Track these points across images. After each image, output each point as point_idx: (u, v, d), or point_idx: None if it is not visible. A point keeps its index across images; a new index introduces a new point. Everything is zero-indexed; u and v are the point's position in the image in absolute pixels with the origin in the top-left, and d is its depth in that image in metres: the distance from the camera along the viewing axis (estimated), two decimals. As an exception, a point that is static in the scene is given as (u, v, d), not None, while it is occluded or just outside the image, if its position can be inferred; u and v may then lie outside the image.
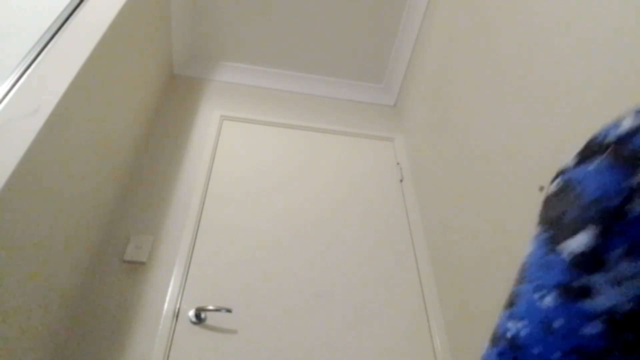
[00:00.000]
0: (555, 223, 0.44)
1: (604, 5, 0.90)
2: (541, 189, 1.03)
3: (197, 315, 1.37)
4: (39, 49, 1.10)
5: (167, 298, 1.39)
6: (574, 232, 0.38)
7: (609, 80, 0.86)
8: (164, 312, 1.36)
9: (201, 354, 1.31)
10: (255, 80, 2.20)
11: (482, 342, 1.32)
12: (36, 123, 0.95)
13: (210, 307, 1.35)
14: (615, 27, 0.86)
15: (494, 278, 1.20)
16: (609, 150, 0.38)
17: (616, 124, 0.38)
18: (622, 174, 0.35)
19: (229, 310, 1.35)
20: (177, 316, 1.37)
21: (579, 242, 0.37)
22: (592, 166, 0.39)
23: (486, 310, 1.23)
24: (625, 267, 0.34)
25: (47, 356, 1.14)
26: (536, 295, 0.39)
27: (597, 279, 0.35)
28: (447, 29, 1.73)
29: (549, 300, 0.38)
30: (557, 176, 0.46)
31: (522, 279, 0.43)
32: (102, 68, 1.25)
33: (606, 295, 0.34)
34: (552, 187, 0.46)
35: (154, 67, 1.80)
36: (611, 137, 0.38)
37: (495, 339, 0.43)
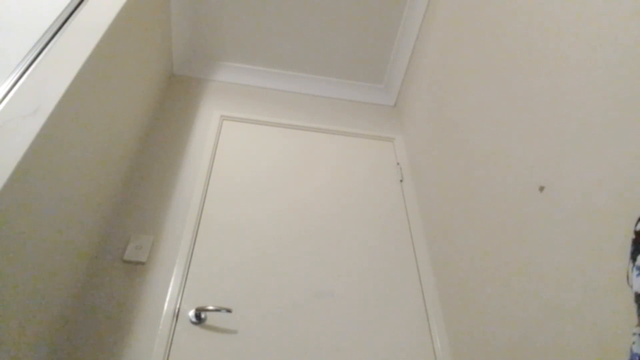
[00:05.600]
0: None
1: (605, 6, 0.90)
2: (541, 189, 1.03)
3: (197, 315, 1.37)
4: (39, 49, 1.10)
5: (167, 298, 1.39)
6: None
7: (610, 80, 0.86)
8: (164, 312, 1.36)
9: (201, 354, 1.31)
10: (255, 80, 2.20)
11: (482, 342, 1.33)
12: (36, 123, 0.95)
13: (210, 307, 1.35)
14: (615, 28, 0.86)
15: (495, 278, 1.20)
16: None
17: None
18: None
19: (229, 310, 1.35)
20: (177, 316, 1.37)
21: None
22: None
23: (486, 311, 1.23)
24: None
25: (47, 356, 1.15)
26: None
27: None
28: (447, 29, 1.73)
29: None
30: None
31: None
32: (102, 68, 1.25)
33: None
34: None
35: (154, 67, 1.80)
36: None
37: None
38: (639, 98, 0.78)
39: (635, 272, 0.59)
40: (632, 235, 0.67)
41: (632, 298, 0.70)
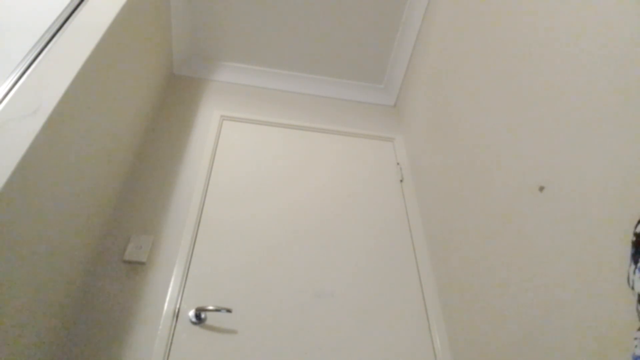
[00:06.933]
0: None
1: (605, 6, 0.90)
2: (541, 189, 1.03)
3: (197, 315, 1.37)
4: (39, 49, 1.10)
5: (167, 298, 1.39)
6: None
7: (610, 79, 0.86)
8: (164, 312, 1.36)
9: (201, 354, 1.31)
10: (255, 80, 2.20)
11: (482, 342, 1.33)
12: (36, 123, 0.95)
13: (210, 307, 1.35)
14: (615, 28, 0.86)
15: (494, 278, 1.20)
16: None
17: None
18: None
19: (229, 310, 1.35)
20: (177, 316, 1.37)
21: None
22: None
23: (486, 311, 1.23)
24: None
25: (47, 356, 1.15)
26: None
27: None
28: (446, 29, 1.73)
29: None
30: None
31: None
32: (102, 68, 1.25)
33: None
34: None
35: (154, 67, 1.80)
36: None
37: None
38: (639, 98, 0.78)
39: (638, 274, 0.59)
40: (632, 238, 0.67)
41: (632, 298, 0.70)
